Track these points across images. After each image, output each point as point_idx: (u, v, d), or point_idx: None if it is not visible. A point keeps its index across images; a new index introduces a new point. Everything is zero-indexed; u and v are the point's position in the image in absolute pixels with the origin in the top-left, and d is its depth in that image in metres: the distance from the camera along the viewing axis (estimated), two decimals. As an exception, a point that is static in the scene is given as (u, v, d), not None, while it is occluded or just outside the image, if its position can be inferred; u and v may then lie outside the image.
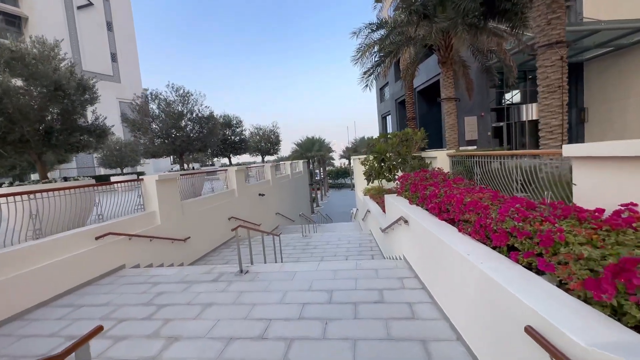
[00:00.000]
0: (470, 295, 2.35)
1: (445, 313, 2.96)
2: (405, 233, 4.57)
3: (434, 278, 3.35)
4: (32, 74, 5.17)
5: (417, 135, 6.64)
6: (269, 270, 4.84)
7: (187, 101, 10.19)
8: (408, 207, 4.50)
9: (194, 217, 7.95)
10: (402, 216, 4.43)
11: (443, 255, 2.94)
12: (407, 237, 4.47)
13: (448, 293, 2.91)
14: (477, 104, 14.48)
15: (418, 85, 18.00)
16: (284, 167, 19.51)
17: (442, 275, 3.01)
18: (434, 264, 3.26)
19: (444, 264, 2.92)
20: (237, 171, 10.89)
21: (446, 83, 8.80)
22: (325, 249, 8.17)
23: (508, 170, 4.18)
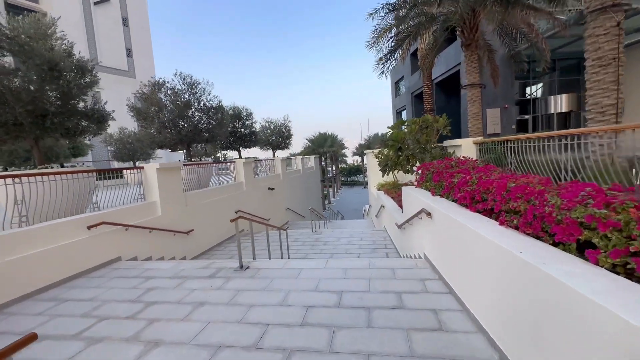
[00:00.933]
0: (524, 307, 1.77)
1: (483, 325, 2.38)
2: (427, 228, 3.98)
3: (465, 281, 2.76)
4: (25, 52, 4.83)
5: (439, 122, 5.99)
6: (271, 266, 4.35)
7: (194, 90, 9.83)
8: (431, 199, 3.91)
9: (198, 210, 7.58)
10: (424, 209, 3.84)
11: (480, 254, 2.35)
12: (429, 232, 3.88)
13: (488, 301, 2.32)
14: (501, 95, 13.54)
15: (436, 77, 17.13)
16: (295, 161, 19.05)
17: (478, 278, 2.42)
18: (466, 264, 2.67)
19: (481, 264, 2.34)
20: (245, 163, 10.49)
21: (470, 68, 8.06)
22: (336, 245, 7.64)
23: (549, 161, 3.52)
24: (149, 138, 9.54)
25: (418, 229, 4.52)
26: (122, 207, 5.57)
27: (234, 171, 10.39)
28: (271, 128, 20.54)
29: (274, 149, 21.10)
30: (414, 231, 4.86)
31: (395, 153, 5.98)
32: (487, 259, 2.24)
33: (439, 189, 4.20)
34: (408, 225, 5.16)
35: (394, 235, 7.12)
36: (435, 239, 3.61)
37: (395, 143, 5.91)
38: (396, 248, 6.88)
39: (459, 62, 15.21)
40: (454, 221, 2.86)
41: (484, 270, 2.32)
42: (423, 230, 4.21)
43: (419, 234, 4.46)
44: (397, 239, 6.65)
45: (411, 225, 4.95)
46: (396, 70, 29.42)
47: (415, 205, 4.52)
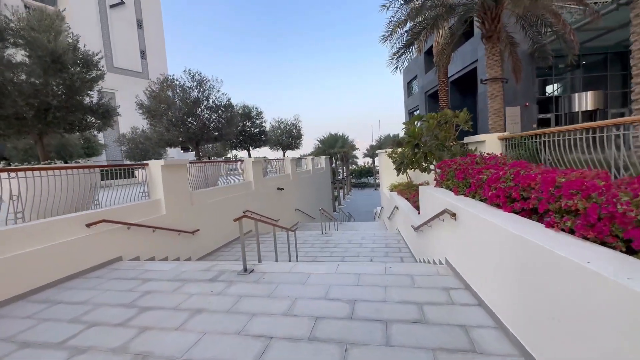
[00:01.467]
0: (600, 334, 1.37)
1: (528, 350, 1.96)
2: (450, 231, 3.57)
3: (502, 293, 2.36)
4: (29, 44, 4.66)
5: (460, 117, 5.55)
6: (278, 270, 4.02)
7: (203, 88, 9.67)
8: (454, 198, 3.50)
9: (204, 209, 7.34)
10: (447, 209, 3.43)
11: (524, 261, 1.96)
12: (453, 235, 3.47)
13: (538, 320, 1.91)
14: (521, 93, 12.90)
15: (451, 75, 16.56)
16: (306, 162, 18.76)
17: (523, 290, 2.02)
18: (504, 272, 2.26)
19: (527, 273, 1.94)
20: (255, 162, 10.24)
21: (491, 61, 7.57)
22: (347, 248, 7.26)
23: (596, 159, 3.06)
24: (157, 136, 9.42)
25: (439, 231, 4.11)
26: (124, 204, 5.35)
27: (242, 170, 10.15)
28: (281, 128, 20.33)
29: (284, 149, 20.88)
30: (433, 234, 4.44)
31: (411, 150, 5.57)
32: (536, 270, 1.83)
33: (463, 187, 3.79)
34: (426, 227, 4.75)
35: (409, 239, 6.68)
36: (461, 243, 3.20)
37: (412, 139, 5.51)
38: (411, 252, 6.45)
39: (475, 58, 14.64)
40: (487, 223, 2.46)
41: (532, 284, 1.91)
42: (445, 233, 3.80)
43: (440, 238, 4.05)
44: (413, 242, 6.22)
45: (430, 227, 4.53)
46: (409, 70, 28.85)
47: (435, 206, 4.11)
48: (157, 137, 9.50)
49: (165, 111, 9.07)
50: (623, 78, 14.08)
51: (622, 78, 14.07)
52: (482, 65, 14.33)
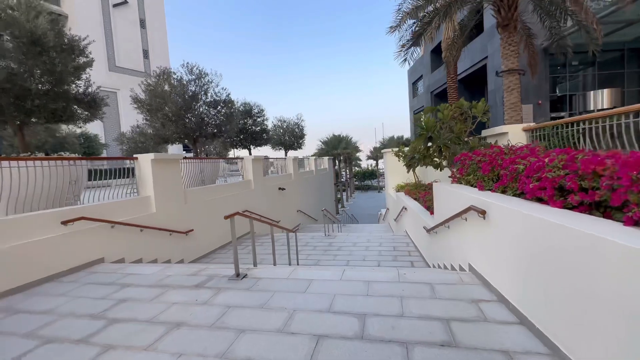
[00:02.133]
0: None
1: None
2: (476, 232, 3.05)
3: (556, 310, 1.83)
4: (4, 23, 4.22)
5: (477, 107, 5.04)
6: (274, 275, 3.51)
7: (201, 82, 9.24)
8: (481, 194, 2.99)
9: (199, 208, 6.86)
10: (472, 206, 2.92)
11: (597, 273, 1.44)
12: (481, 237, 2.94)
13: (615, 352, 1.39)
14: (534, 91, 12.35)
15: (460, 73, 16.03)
16: (308, 162, 18.29)
17: (599, 311, 1.49)
18: (563, 285, 1.74)
19: (604, 289, 1.42)
20: (255, 160, 9.77)
21: (507, 52, 7.06)
22: (352, 251, 6.74)
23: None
24: (153, 132, 8.96)
25: (460, 233, 3.58)
26: (108, 201, 4.89)
27: (241, 168, 9.70)
28: (283, 127, 19.85)
29: (286, 148, 20.40)
30: (452, 236, 3.91)
31: (424, 144, 5.06)
32: (627, 286, 1.31)
33: (489, 181, 3.27)
34: (442, 229, 4.22)
35: (420, 241, 6.15)
36: (493, 246, 2.67)
37: (425, 132, 5.00)
38: (422, 256, 5.91)
39: (485, 55, 14.12)
40: (535, 222, 1.94)
41: (607, 303, 1.39)
42: (469, 234, 3.27)
43: (462, 240, 3.52)
44: (425, 245, 5.68)
45: (447, 228, 4.01)
46: (414, 70, 28.38)
47: (454, 204, 3.60)
48: (153, 132, 9.05)
49: (161, 106, 8.63)
50: (639, 75, 13.50)
51: (639, 75, 13.48)
52: (492, 62, 13.81)
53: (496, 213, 2.54)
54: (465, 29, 8.93)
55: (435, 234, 4.76)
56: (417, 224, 6.34)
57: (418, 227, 6.12)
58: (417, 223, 6.34)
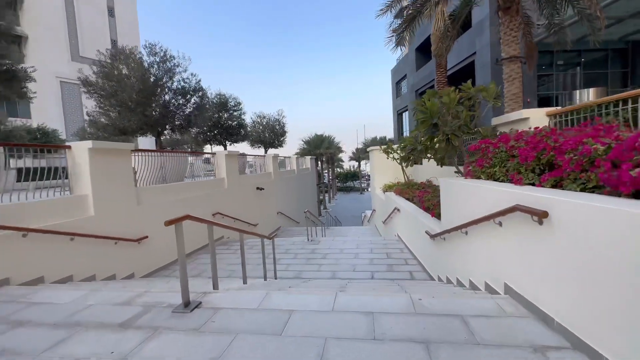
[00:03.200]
0: None
1: None
2: (522, 240, 2.21)
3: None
4: None
5: (488, 91, 4.29)
6: (239, 303, 2.53)
7: (167, 66, 8.01)
8: (531, 190, 2.17)
9: (158, 210, 5.72)
10: (519, 206, 2.07)
11: None
12: (532, 247, 2.10)
13: None
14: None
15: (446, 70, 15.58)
16: (290, 161, 17.26)
17: None
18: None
19: None
20: (228, 156, 8.67)
21: (508, 37, 6.45)
22: (338, 259, 5.82)
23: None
24: (108, 121, 7.62)
25: (488, 241, 2.74)
26: (21, 202, 3.70)
27: (213, 165, 8.57)
28: (263, 123, 18.64)
29: (266, 146, 19.20)
30: (473, 244, 3.07)
31: (428, 132, 4.23)
32: None
33: (529, 172, 2.46)
34: (456, 235, 3.39)
35: (419, 248, 5.33)
36: (556, 262, 1.82)
37: (428, 117, 4.18)
38: (423, 265, 5.08)
39: (473, 51, 13.74)
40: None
41: None
42: (506, 243, 2.44)
43: (493, 250, 2.68)
44: (426, 252, 4.86)
45: (464, 235, 3.17)
46: (397, 70, 28.05)
47: (478, 204, 2.77)
48: (106, 122, 7.69)
49: (116, 91, 7.32)
50: (623, 76, 13.56)
51: (622, 75, 13.56)
52: (481, 58, 13.43)
53: (570, 216, 1.69)
54: (460, 16, 8.31)
55: (442, 240, 3.93)
56: (414, 227, 5.52)
57: (417, 232, 5.29)
58: (414, 226, 5.52)
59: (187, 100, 8.67)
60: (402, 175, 10.21)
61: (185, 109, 8.77)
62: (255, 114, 18.54)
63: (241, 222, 9.03)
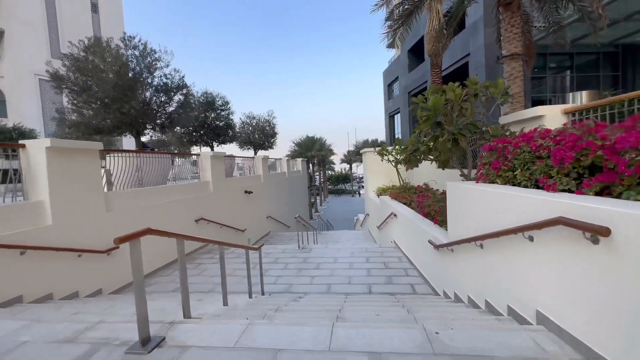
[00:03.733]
0: None
1: None
2: (563, 261, 1.80)
3: None
4: None
5: (497, 87, 3.93)
6: (212, 340, 2.03)
7: (147, 61, 7.42)
8: (577, 198, 1.75)
9: (132, 216, 5.16)
10: (564, 219, 1.66)
11: None
12: (579, 272, 1.69)
13: None
14: (517, 90, 11.82)
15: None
16: (280, 163, 16.74)
17: None
18: None
19: None
20: (215, 157, 8.12)
21: (510, 34, 6.17)
22: (333, 270, 5.36)
23: None
24: (80, 118, 6.94)
25: (514, 258, 2.33)
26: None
27: (198, 167, 8.01)
28: (253, 124, 18.02)
29: (255, 148, 18.60)
30: (492, 260, 2.65)
31: (431, 130, 3.83)
32: None
33: (562, 177, 2.07)
34: (469, 247, 2.96)
35: (420, 258, 4.91)
36: (629, 296, 1.40)
37: (432, 115, 3.78)
38: (424, 277, 4.66)
39: (467, 52, 13.56)
40: None
41: None
42: (540, 263, 2.02)
43: (522, 270, 2.26)
44: (429, 263, 4.44)
45: (480, 248, 2.74)
46: (389, 72, 27.92)
47: (498, 213, 2.36)
48: (78, 120, 7.00)
49: (90, 86, 6.67)
50: (614, 79, 13.60)
51: (613, 79, 13.60)
52: (475, 59, 13.25)
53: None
54: (458, 12, 8.03)
55: (449, 252, 3.51)
56: (414, 235, 5.10)
57: (417, 240, 4.88)
58: (414, 234, 5.11)
59: (169, 97, 8.09)
60: (397, 178, 9.84)
61: (168, 107, 8.18)
62: (244, 114, 17.92)
63: (228, 228, 8.49)
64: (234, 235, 8.99)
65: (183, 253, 2.50)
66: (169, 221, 6.10)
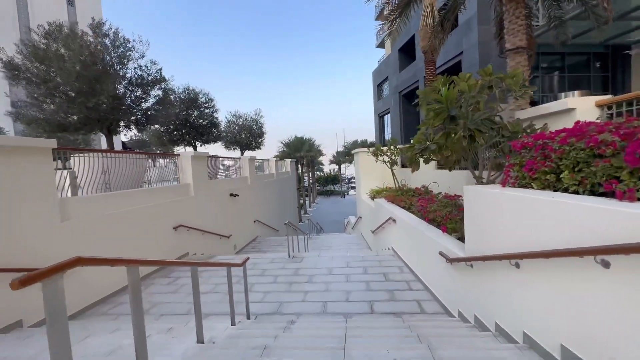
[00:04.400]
0: None
1: None
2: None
3: None
4: None
5: (516, 76, 3.46)
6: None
7: (119, 51, 6.63)
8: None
9: (94, 226, 4.44)
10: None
11: None
12: None
13: None
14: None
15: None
16: (268, 164, 16.06)
17: None
18: None
19: None
20: (196, 158, 7.43)
21: (514, 26, 5.79)
22: (328, 283, 4.78)
23: None
24: (40, 113, 6.08)
25: (567, 285, 1.82)
26: None
27: (177, 168, 7.29)
28: (239, 123, 17.20)
29: (242, 148, 17.79)
30: (533, 284, 2.14)
31: (445, 124, 3.31)
32: None
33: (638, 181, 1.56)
34: (502, 265, 2.45)
35: (428, 271, 4.40)
36: None
37: (444, 109, 3.27)
38: (432, 292, 4.14)
39: (460, 51, 13.31)
40: None
41: None
42: (621, 298, 1.50)
43: (584, 303, 1.74)
44: (440, 278, 3.93)
45: (514, 266, 2.23)
46: (379, 72, 27.63)
47: (547, 226, 1.87)
48: (36, 115, 6.12)
49: (52, 76, 5.84)
50: (603, 80, 13.62)
51: (603, 80, 13.61)
52: (468, 58, 13.00)
53: None
54: (455, 5, 7.64)
55: (468, 267, 3.00)
56: (419, 244, 4.59)
57: (424, 250, 4.37)
58: (419, 243, 4.60)
59: (145, 92, 7.32)
60: (391, 180, 9.38)
61: (144, 102, 7.41)
62: (230, 112, 17.03)
63: (211, 235, 7.80)
64: (218, 242, 8.30)
65: (138, 284, 1.88)
66: (141, 230, 5.39)
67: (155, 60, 7.32)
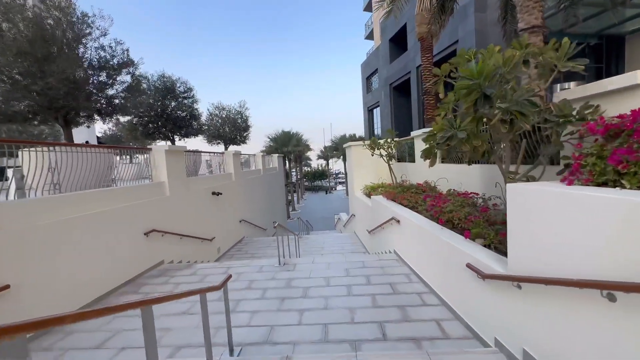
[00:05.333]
0: None
1: None
2: None
3: None
4: None
5: (563, 46, 2.80)
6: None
7: (74, 25, 5.59)
8: None
9: (39, 237, 3.57)
10: None
11: None
12: None
13: None
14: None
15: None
16: (255, 160, 15.16)
17: None
18: None
19: None
20: (171, 153, 6.53)
21: (530, 3, 5.16)
22: (327, 298, 4.08)
23: None
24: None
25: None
26: None
27: (149, 164, 6.38)
28: (222, 116, 16.09)
29: (226, 142, 16.73)
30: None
31: (479, 104, 2.62)
32: None
33: None
34: (576, 293, 1.79)
35: (445, 282, 3.74)
36: None
37: (476, 86, 2.60)
38: (452, 309, 3.50)
39: (456, 39, 12.76)
40: None
41: None
42: None
43: None
44: (464, 293, 3.28)
45: (607, 300, 1.57)
46: (368, 64, 26.95)
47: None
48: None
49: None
50: (597, 71, 13.41)
51: (597, 71, 13.41)
52: (464, 45, 12.43)
53: None
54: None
55: (514, 288, 2.34)
56: (435, 251, 3.94)
57: (442, 259, 3.71)
58: (435, 250, 3.94)
59: (110, 77, 6.33)
60: (386, 175, 8.75)
61: (109, 89, 6.42)
62: (212, 104, 15.86)
63: (190, 239, 6.94)
64: (200, 246, 7.45)
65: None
66: (101, 240, 4.51)
67: (120, 40, 6.32)
